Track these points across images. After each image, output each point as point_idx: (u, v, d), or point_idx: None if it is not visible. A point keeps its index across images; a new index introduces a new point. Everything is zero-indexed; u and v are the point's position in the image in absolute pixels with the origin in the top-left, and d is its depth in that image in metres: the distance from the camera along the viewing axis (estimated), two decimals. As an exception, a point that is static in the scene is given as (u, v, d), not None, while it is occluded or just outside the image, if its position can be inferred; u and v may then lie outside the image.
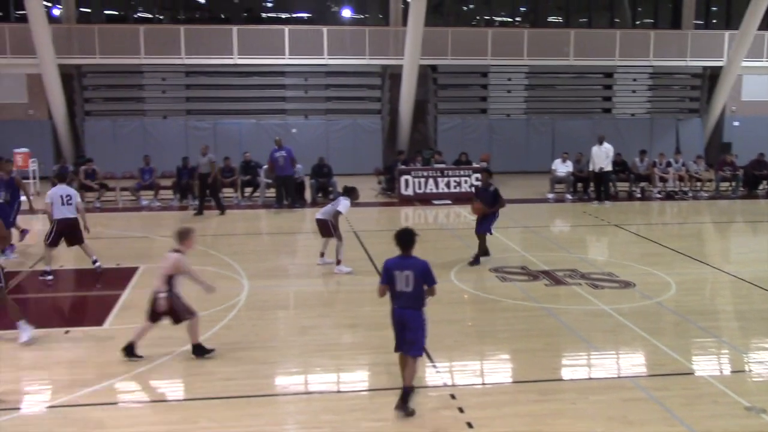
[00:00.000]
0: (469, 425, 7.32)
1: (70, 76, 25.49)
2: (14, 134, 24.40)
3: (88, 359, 9.23)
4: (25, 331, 9.67)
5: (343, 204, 13.18)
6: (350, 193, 13.47)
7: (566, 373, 9.01)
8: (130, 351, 8.98)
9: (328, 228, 13.19)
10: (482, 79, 28.25)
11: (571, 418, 7.54)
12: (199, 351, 9.07)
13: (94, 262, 13.22)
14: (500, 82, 28.17)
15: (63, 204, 12.67)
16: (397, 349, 7.79)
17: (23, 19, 23.73)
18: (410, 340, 7.63)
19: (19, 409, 7.86)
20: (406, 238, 7.63)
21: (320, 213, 13.44)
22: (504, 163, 25.89)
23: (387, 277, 7.64)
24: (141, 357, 8.97)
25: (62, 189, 12.83)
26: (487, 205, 13.51)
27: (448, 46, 26.68)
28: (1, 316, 11.11)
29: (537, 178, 24.19)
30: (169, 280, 8.82)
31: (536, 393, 8.14)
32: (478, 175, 21.67)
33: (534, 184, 23.81)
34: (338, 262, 13.20)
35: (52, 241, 12.77)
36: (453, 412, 7.63)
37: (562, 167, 22.31)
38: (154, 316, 8.93)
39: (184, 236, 8.95)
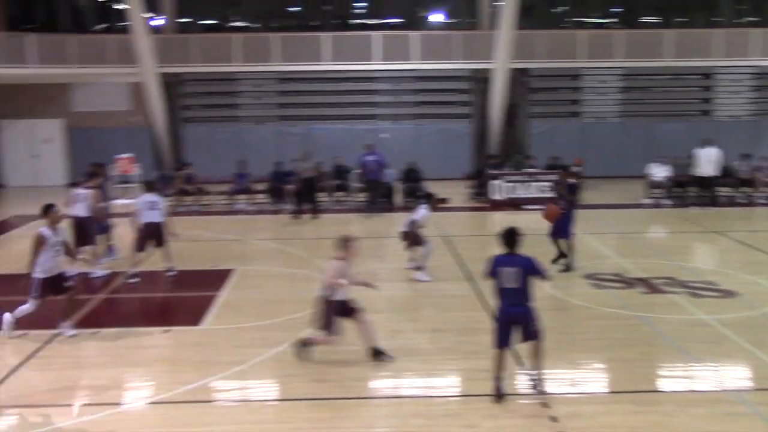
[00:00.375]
0: (562, 435, 7.19)
1: (169, 84, 26.43)
2: (117, 140, 25.46)
3: (186, 358, 9.53)
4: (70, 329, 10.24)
5: (421, 212, 13.12)
6: (428, 199, 13.49)
7: (664, 385, 8.73)
8: (377, 354, 9.11)
9: (412, 238, 13.13)
10: (574, 82, 27.72)
11: (669, 431, 7.29)
12: (302, 347, 9.12)
13: (169, 269, 13.63)
14: (593, 85, 27.58)
15: (149, 209, 13.30)
16: (501, 345, 7.92)
17: (126, 30, 24.74)
18: (530, 332, 7.93)
19: (120, 404, 8.19)
20: (511, 236, 7.95)
21: (402, 225, 13.40)
22: (597, 168, 25.27)
23: (492, 271, 7.90)
24: (390, 357, 9.08)
25: (149, 196, 13.49)
26: (567, 198, 13.39)
27: (540, 49, 26.29)
28: (105, 315, 11.64)
29: (631, 183, 23.52)
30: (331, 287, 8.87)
31: (633, 404, 7.91)
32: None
33: (629, 188, 23.16)
34: (419, 269, 13.13)
35: (140, 245, 13.40)
36: (545, 421, 7.50)
37: (659, 171, 21.63)
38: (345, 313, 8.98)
39: (345, 243, 9.03)
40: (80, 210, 13.41)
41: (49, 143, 26.82)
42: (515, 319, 7.86)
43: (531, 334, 7.95)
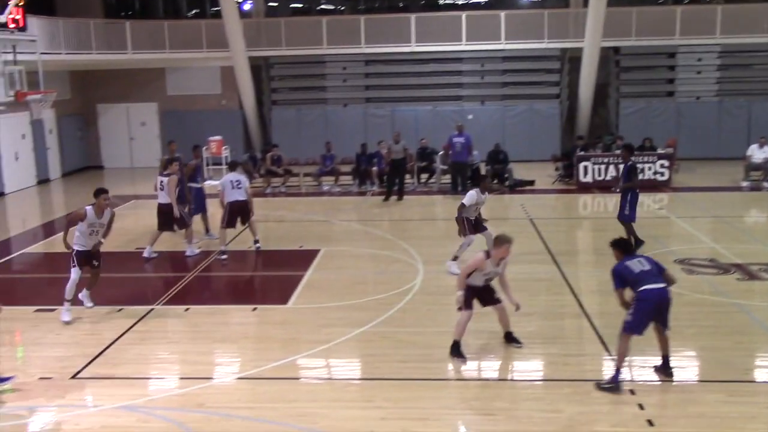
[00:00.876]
0: (650, 423, 7.00)
1: (258, 68, 26.90)
2: (209, 123, 26.13)
3: (273, 335, 9.76)
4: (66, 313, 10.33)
5: (468, 195, 12.08)
6: (477, 181, 13.07)
7: (759, 375, 8.40)
8: (455, 350, 8.68)
9: (459, 225, 12.18)
10: (669, 60, 26.68)
11: (764, 423, 7.01)
12: (454, 350, 8.71)
13: (256, 242, 14.08)
14: (689, 63, 26.48)
15: (233, 188, 13.62)
16: (639, 331, 7.79)
17: (218, 15, 25.30)
18: (666, 317, 7.83)
19: (210, 378, 8.46)
20: (626, 242, 8.43)
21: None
22: (692, 149, 24.36)
23: (621, 280, 7.84)
24: (464, 358, 8.62)
25: (232, 176, 13.80)
26: (622, 182, 13.37)
27: (633, 26, 25.39)
28: (196, 292, 12.01)
29: (729, 165, 22.54)
30: (468, 274, 8.67)
31: (725, 393, 7.64)
32: (663, 162, 20.64)
33: (726, 171, 22.20)
34: (454, 258, 12.20)
35: (227, 223, 13.75)
36: (632, 409, 7.33)
37: (759, 153, 20.66)
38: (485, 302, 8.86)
39: (496, 243, 8.66)
40: (162, 197, 13.59)
41: (144, 126, 27.78)
42: (661, 301, 7.70)
43: (666, 320, 7.83)
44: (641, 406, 7.34)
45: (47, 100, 20.25)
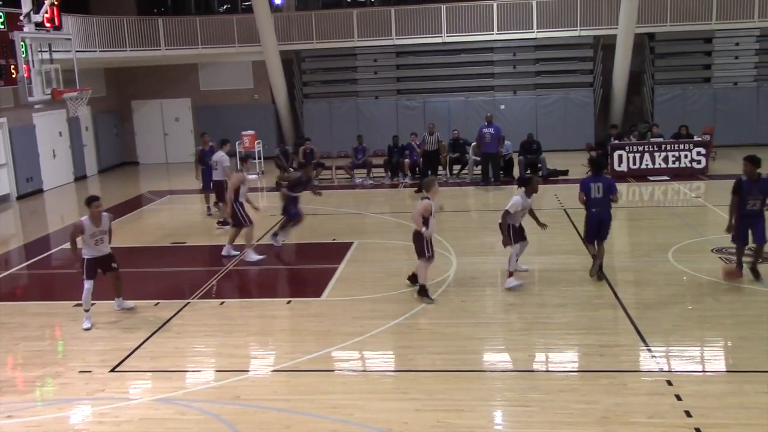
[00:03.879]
0: (688, 414, 6.91)
1: (290, 62, 27.00)
2: (242, 118, 26.38)
3: (307, 328, 9.80)
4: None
5: (512, 202, 10.97)
6: (526, 183, 11.28)
7: (801, 365, 8.22)
8: (423, 292, 10.48)
9: (502, 233, 11.06)
10: (706, 46, 26.21)
11: (806, 414, 6.87)
12: (423, 292, 10.47)
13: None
14: (727, 48, 25.97)
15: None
16: (590, 241, 11.20)
17: (249, 9, 25.44)
18: (604, 233, 11.08)
19: (246, 371, 8.53)
20: (599, 162, 11.52)
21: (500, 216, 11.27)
22: (730, 136, 23.97)
23: (585, 188, 11.10)
24: (432, 300, 10.42)
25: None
26: (761, 202, 10.90)
27: (668, 11, 25.00)
28: (231, 286, 12.12)
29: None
30: (425, 221, 10.31)
31: (766, 384, 7.50)
32: (700, 149, 20.25)
33: (765, 157, 21.60)
34: (509, 274, 11.00)
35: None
36: (670, 399, 7.24)
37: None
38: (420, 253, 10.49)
39: (428, 186, 10.60)
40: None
41: (178, 122, 28.06)
42: (602, 221, 10.93)
43: (604, 234, 11.08)
44: (678, 397, 7.25)
45: (83, 97, 20.54)
